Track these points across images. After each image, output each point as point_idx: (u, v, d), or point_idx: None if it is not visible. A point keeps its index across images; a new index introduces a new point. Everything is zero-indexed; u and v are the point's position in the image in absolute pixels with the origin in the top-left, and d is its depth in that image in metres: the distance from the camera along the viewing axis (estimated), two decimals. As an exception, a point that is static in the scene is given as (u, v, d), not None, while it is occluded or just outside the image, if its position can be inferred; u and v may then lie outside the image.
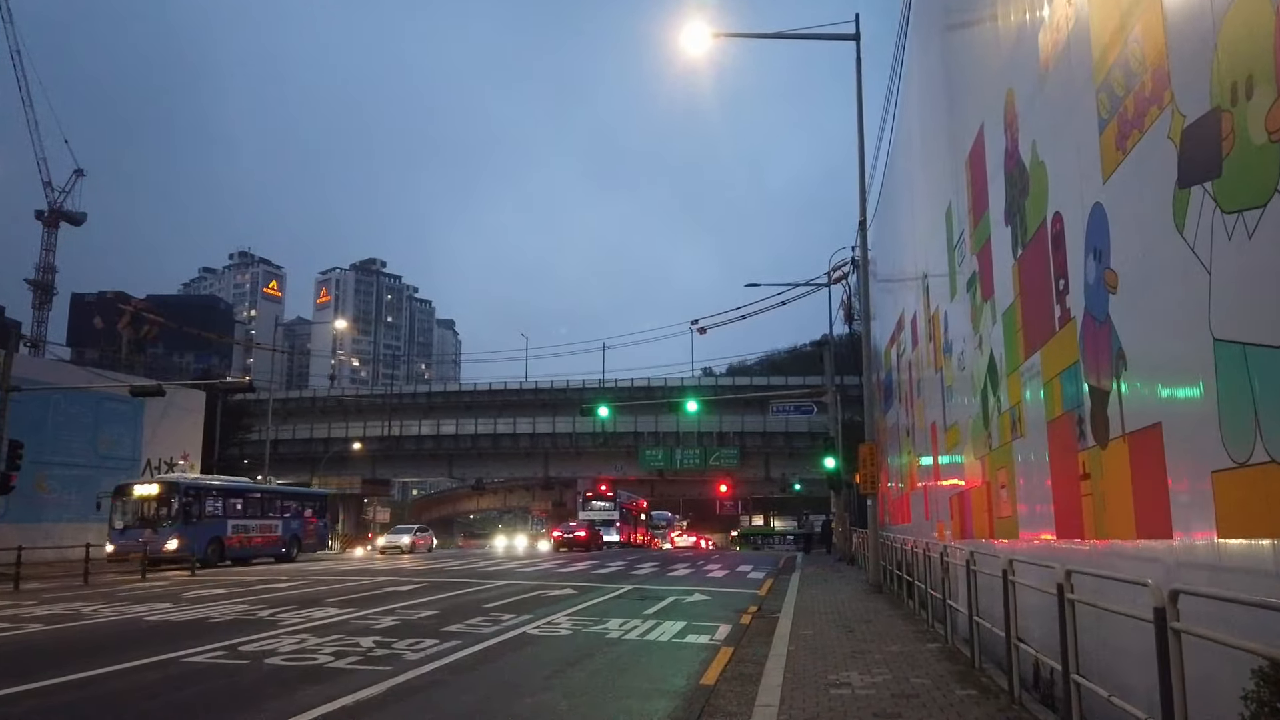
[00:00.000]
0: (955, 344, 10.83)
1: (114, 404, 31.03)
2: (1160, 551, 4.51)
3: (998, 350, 8.42)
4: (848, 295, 33.05)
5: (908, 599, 12.57)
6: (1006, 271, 7.92)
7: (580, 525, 42.66)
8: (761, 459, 62.11)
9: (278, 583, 18.08)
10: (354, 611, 12.07)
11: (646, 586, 17.19)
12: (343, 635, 9.61)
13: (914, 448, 15.72)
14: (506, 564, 26.33)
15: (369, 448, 68.27)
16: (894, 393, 19.60)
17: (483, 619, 11.28)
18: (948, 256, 11.14)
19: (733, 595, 15.66)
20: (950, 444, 11.43)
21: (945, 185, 11.29)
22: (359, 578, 19.52)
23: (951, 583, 8.79)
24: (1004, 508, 8.29)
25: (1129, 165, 4.84)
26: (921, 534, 14.65)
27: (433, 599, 14.08)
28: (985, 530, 9.15)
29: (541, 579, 19.05)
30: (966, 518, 10.29)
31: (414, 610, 12.27)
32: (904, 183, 15.63)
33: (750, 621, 11.61)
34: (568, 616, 11.72)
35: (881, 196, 19.45)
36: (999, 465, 8.48)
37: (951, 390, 11.29)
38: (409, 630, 10.12)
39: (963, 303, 10.19)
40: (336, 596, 14.48)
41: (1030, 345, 7.16)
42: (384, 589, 16.15)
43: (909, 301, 15.72)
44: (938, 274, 12.05)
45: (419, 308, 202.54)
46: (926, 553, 10.25)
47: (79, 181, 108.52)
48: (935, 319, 12.49)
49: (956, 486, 10.97)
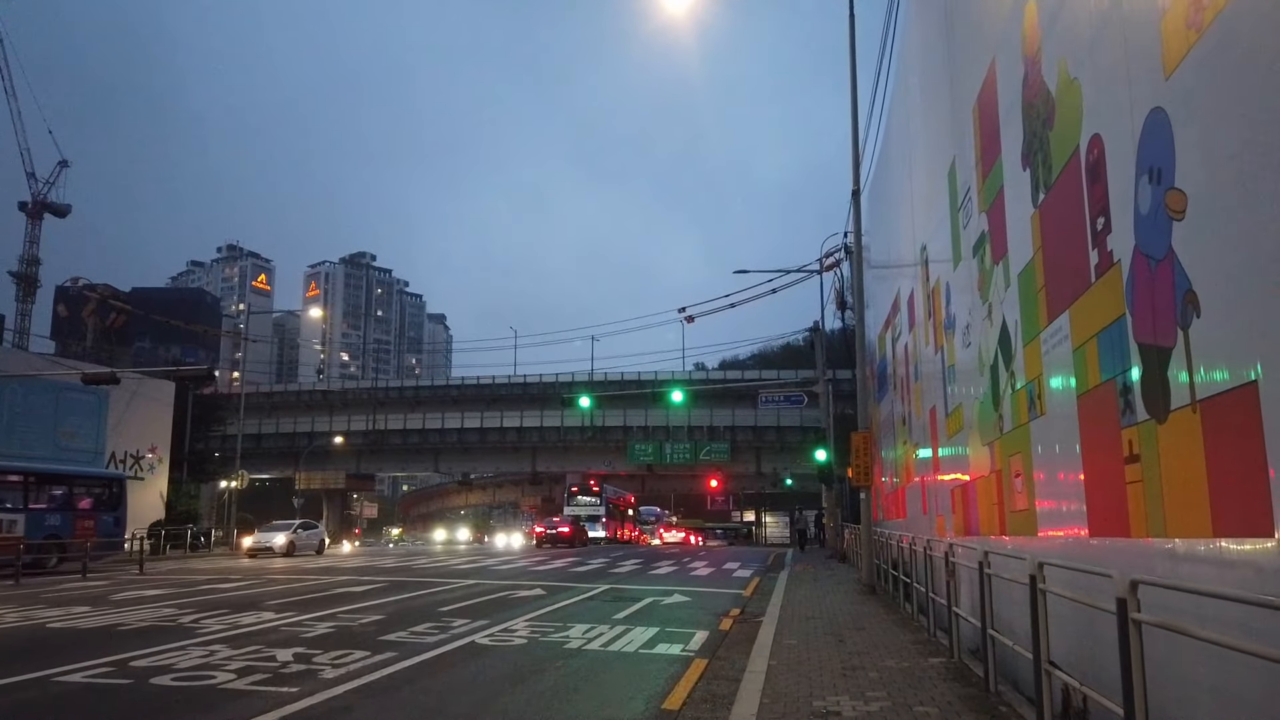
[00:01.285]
0: (959, 318, 9.69)
1: (75, 394, 29.69)
2: (1256, 555, 3.35)
3: (1011, 318, 7.27)
4: (840, 284, 31.94)
5: (904, 602, 11.43)
6: (1024, 224, 6.76)
7: (563, 521, 41.36)
8: (753, 453, 61.01)
9: (220, 583, 16.87)
10: (290, 616, 10.87)
11: (624, 586, 16.02)
12: (262, 647, 8.41)
13: (910, 437, 14.58)
14: (483, 561, 25.13)
15: (354, 442, 66.90)
16: (888, 380, 18.47)
17: (431, 625, 10.09)
18: (950, 222, 9.98)
19: (715, 596, 14.51)
20: (952, 431, 10.29)
21: (947, 142, 10.14)
22: (317, 577, 18.31)
23: (958, 587, 7.63)
24: (1018, 499, 7.16)
25: (1207, 43, 3.67)
26: (918, 530, 13.55)
27: (386, 601, 12.90)
28: (995, 525, 8.01)
29: (514, 578, 17.87)
30: (971, 512, 9.16)
31: (359, 615, 11.07)
32: (901, 147, 14.47)
33: (731, 627, 10.46)
34: (528, 622, 10.54)
35: (876, 167, 18.32)
36: (1012, 451, 7.34)
37: (954, 371, 10.14)
38: (342, 640, 8.93)
39: (968, 270, 9.04)
40: (280, 599, 13.28)
41: (1055, 306, 6.01)
42: (338, 589, 14.95)
43: (905, 280, 14.58)
44: (938, 243, 10.90)
45: (410, 302, 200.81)
46: (928, 552, 9.09)
47: (63, 172, 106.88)
48: (935, 293, 11.33)
49: (959, 478, 9.84)
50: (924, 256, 12.29)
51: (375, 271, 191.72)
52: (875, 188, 18.54)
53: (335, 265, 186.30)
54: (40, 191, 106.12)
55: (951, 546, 7.55)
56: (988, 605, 6.17)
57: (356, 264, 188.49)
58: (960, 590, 7.63)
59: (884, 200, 17.57)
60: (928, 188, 11.76)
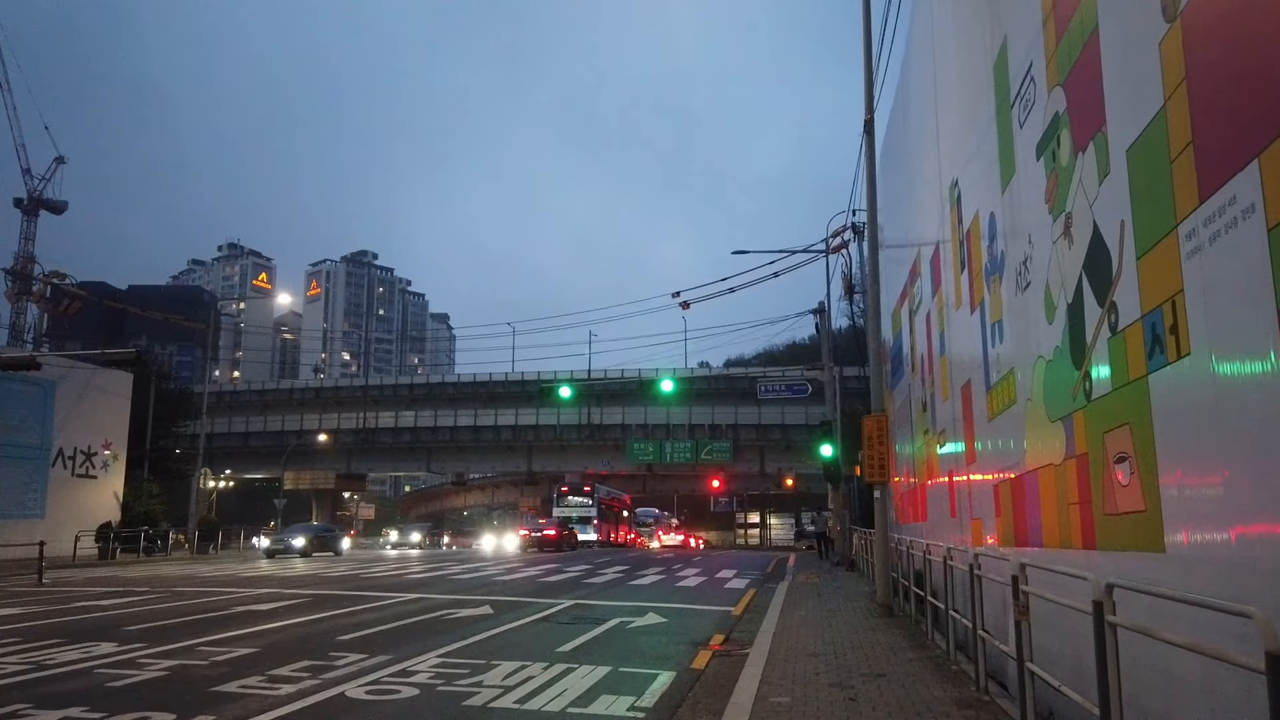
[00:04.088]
0: (1009, 254, 7.19)
1: (16, 384, 27.32)
2: None
3: (1111, 221, 4.79)
4: (848, 268, 29.36)
5: (932, 630, 8.92)
6: (1143, 65, 4.29)
7: (550, 523, 38.72)
8: (756, 452, 58.48)
9: (109, 598, 14.45)
10: (134, 650, 8.41)
11: (593, 602, 13.53)
12: (29, 706, 5.96)
13: (934, 426, 12.08)
14: (445, 568, 22.59)
15: (344, 441, 64.60)
16: (904, 364, 15.98)
17: (306, 666, 7.62)
18: (996, 129, 7.50)
19: (698, 616, 12.02)
20: (997, 408, 7.79)
21: (990, 28, 7.68)
22: (247, 588, 15.85)
23: (1030, 629, 5.11)
24: (1125, 496, 4.68)
25: None
26: (941, 536, 11.07)
27: (283, 625, 10.43)
28: (1072, 533, 5.54)
29: (466, 590, 15.38)
30: (1028, 515, 6.68)
31: (226, 647, 8.59)
32: (922, 75, 11.98)
33: (707, 664, 8.00)
34: (442, 658, 8.07)
35: (890, 123, 15.86)
36: (1111, 424, 4.86)
37: (1000, 329, 7.65)
38: (163, 691, 6.48)
39: (1027, 181, 6.56)
40: (154, 621, 10.82)
41: (1220, 168, 3.54)
42: (246, 605, 12.51)
43: (927, 239, 12.09)
44: (977, 167, 8.41)
45: (412, 300, 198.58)
46: (975, 572, 6.56)
47: (60, 169, 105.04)
48: (972, 235, 8.82)
49: (1006, 468, 7.36)
50: (954, 195, 9.79)
51: (377, 270, 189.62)
52: (887, 149, 16.04)
53: (336, 264, 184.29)
54: (36, 188, 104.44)
55: (1023, 568, 5.04)
56: (1112, 674, 3.64)
57: (358, 262, 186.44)
58: (1031, 633, 5.13)
59: (899, 159, 15.15)
60: (961, 103, 9.28)
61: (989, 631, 6.26)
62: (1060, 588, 4.73)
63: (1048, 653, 5.33)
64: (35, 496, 27.89)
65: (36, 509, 27.81)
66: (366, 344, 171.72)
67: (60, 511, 28.27)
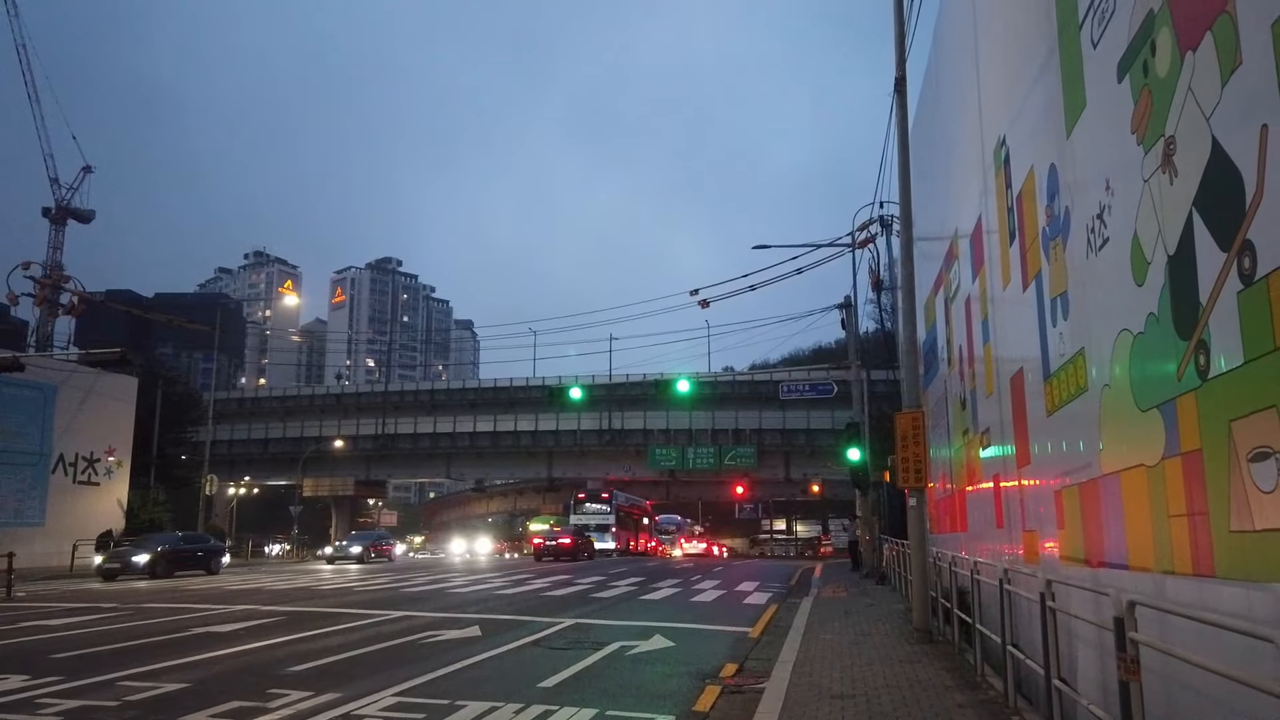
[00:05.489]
0: (1079, 207, 5.87)
1: (15, 389, 26.56)
2: None
3: (1247, 129, 3.49)
4: (875, 264, 27.93)
5: (982, 663, 7.58)
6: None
7: (565, 532, 37.33)
8: (781, 458, 56.89)
9: (73, 615, 13.41)
10: (47, 684, 7.28)
11: (595, 621, 12.28)
12: None
13: (974, 425, 10.74)
14: (449, 582, 21.34)
15: (362, 447, 63.86)
16: (938, 357, 14.63)
17: (235, 706, 6.43)
18: (1060, 60, 6.19)
19: (710, 639, 10.73)
20: (1060, 399, 6.46)
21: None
22: (208, 606, 14.73)
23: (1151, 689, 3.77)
24: (1257, 506, 3.39)
25: None
26: (983, 549, 9.74)
27: (235, 651, 9.26)
28: (1179, 553, 4.23)
29: (458, 608, 14.16)
30: (1105, 526, 5.36)
31: (151, 681, 7.40)
32: (962, 24, 10.67)
33: (713, 704, 6.73)
34: (398, 696, 6.85)
35: (920, 99, 14.54)
36: (1244, 408, 3.54)
37: (1065, 302, 6.32)
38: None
39: (1104, 112, 5.26)
40: (97, 646, 9.67)
41: None
42: (202, 627, 11.37)
43: (965, 208, 10.76)
44: (1033, 111, 7.10)
45: (436, 307, 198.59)
46: (1048, 603, 5.21)
47: (87, 178, 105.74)
48: (1025, 196, 7.48)
49: (1072, 471, 6.05)
50: (1000, 156, 8.46)
51: (401, 277, 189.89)
52: (917, 127, 14.68)
53: (361, 270, 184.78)
54: (64, 197, 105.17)
55: (1131, 608, 3.73)
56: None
57: (382, 269, 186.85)
58: (1144, 697, 3.80)
59: (930, 135, 13.84)
60: (1008, 46, 7.98)
61: (1066, 681, 4.92)
62: (1183, 632, 3.43)
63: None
64: (34, 504, 27.11)
65: (35, 517, 27.03)
66: (390, 351, 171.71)
67: (61, 520, 27.48)
